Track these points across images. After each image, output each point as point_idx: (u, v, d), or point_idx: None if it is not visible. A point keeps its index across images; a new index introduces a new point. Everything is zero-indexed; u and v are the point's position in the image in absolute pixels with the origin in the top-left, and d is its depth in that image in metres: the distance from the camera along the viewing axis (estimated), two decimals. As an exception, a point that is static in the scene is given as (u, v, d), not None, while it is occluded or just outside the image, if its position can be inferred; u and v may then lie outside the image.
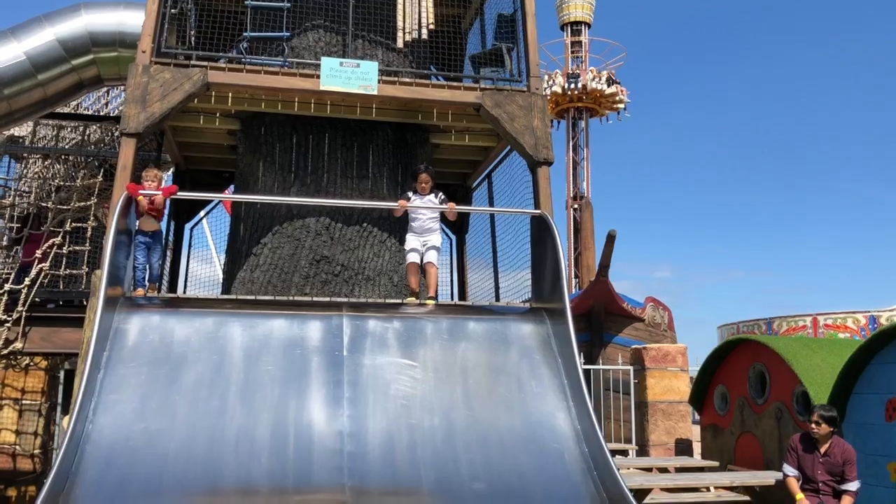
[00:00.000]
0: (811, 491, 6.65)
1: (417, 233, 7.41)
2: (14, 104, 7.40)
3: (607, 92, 30.68)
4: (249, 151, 8.59)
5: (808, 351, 9.68)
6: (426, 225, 7.43)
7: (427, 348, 6.41)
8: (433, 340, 6.49)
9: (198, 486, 5.04)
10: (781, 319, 26.75)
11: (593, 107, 31.56)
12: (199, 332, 6.10)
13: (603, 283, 15.77)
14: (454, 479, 5.30)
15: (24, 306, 8.16)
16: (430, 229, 7.44)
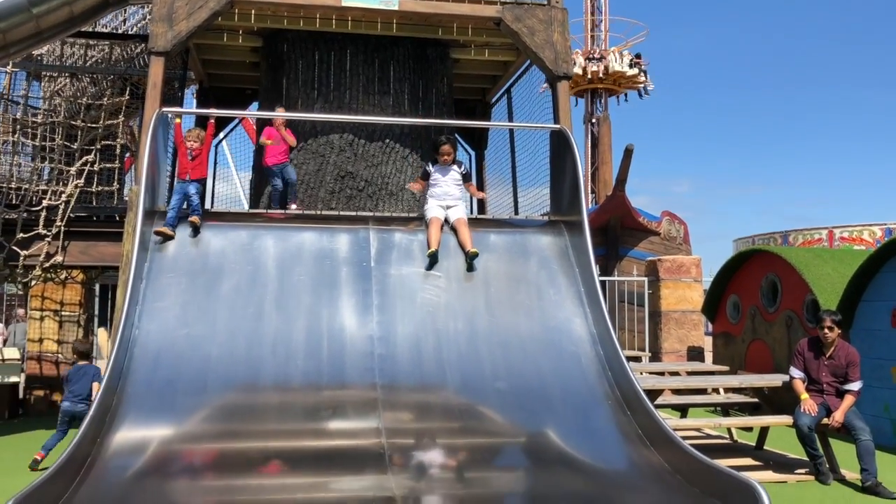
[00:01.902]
0: (816, 391, 6.99)
1: (439, 199, 7.07)
2: (42, 23, 7.53)
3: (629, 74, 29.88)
4: (272, 68, 8.73)
5: (819, 261, 9.93)
6: (450, 192, 7.11)
7: (450, 259, 6.71)
8: (456, 252, 6.78)
9: (239, 383, 5.44)
10: (797, 233, 26.88)
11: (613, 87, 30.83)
12: (234, 245, 6.42)
13: (619, 197, 15.94)
14: (477, 378, 5.67)
15: (63, 221, 8.50)
16: (453, 196, 7.13)
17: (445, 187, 7.04)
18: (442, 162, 7.11)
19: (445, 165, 7.11)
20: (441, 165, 7.11)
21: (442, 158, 7.09)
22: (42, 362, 11.04)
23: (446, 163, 7.11)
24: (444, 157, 7.08)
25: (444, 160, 7.09)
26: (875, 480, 6.44)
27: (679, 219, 19.02)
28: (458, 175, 7.14)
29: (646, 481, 4.70)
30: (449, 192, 7.04)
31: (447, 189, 7.04)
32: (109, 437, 4.77)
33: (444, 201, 7.01)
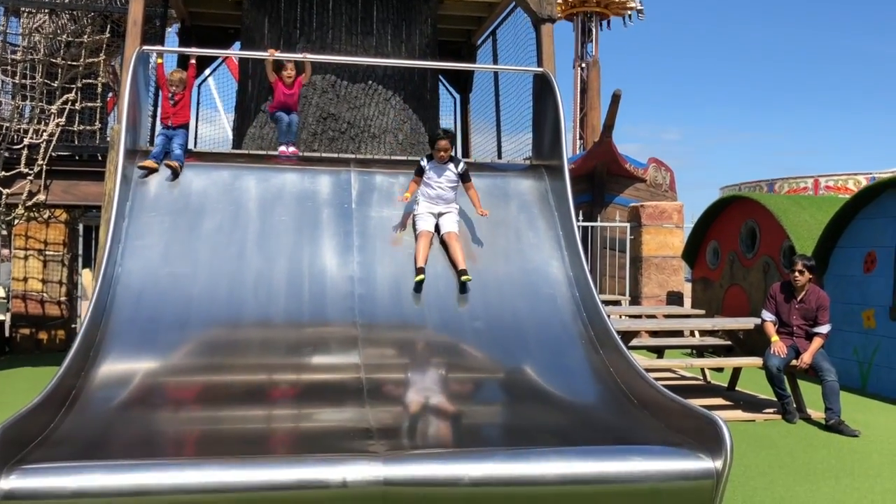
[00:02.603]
0: (786, 334, 7.19)
1: (431, 201, 6.36)
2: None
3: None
4: (254, 7, 8.63)
5: (797, 208, 10.08)
6: (444, 195, 6.35)
7: (431, 202, 6.76)
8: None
9: (221, 321, 5.55)
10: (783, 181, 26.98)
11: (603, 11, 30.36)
12: (216, 184, 6.46)
13: (606, 143, 15.96)
14: (455, 318, 5.80)
15: (45, 160, 8.48)
16: (447, 199, 6.36)
17: (439, 189, 6.31)
18: (438, 158, 6.31)
19: (441, 163, 6.34)
20: (436, 163, 6.34)
21: (438, 154, 6.29)
22: (27, 301, 11.12)
23: (443, 160, 6.31)
24: (440, 152, 6.28)
25: (440, 156, 6.30)
26: (838, 419, 6.69)
27: (666, 166, 19.09)
28: (453, 175, 6.36)
29: (614, 415, 4.87)
30: (443, 194, 6.33)
31: (441, 192, 6.32)
32: (94, 370, 4.88)
33: (436, 205, 6.32)
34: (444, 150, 6.29)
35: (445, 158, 6.32)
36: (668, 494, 3.93)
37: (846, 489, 5.13)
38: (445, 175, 6.34)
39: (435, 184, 6.31)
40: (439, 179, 6.33)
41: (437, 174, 6.34)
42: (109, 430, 4.34)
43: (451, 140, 6.39)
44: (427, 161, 6.38)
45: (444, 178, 6.34)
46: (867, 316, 8.51)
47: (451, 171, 6.34)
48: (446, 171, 6.34)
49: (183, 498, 3.51)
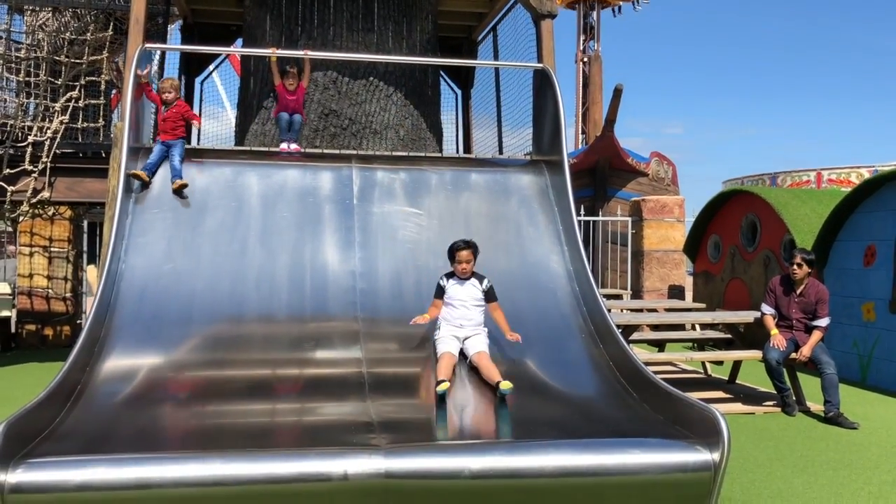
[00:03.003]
0: (785, 327, 7.22)
1: (454, 324, 5.36)
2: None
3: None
4: (256, 4, 8.67)
5: (798, 202, 10.10)
6: (469, 316, 5.35)
7: (432, 197, 6.81)
8: (438, 190, 6.89)
9: (224, 316, 5.60)
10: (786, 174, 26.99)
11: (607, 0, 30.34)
12: (219, 181, 6.51)
13: (608, 138, 15.98)
14: (455, 312, 5.83)
15: (49, 157, 8.54)
16: (473, 321, 5.36)
17: (463, 310, 5.34)
18: (459, 272, 5.39)
19: (463, 278, 5.41)
20: (458, 278, 5.42)
21: (459, 267, 5.38)
22: (33, 297, 11.19)
23: (465, 274, 5.39)
24: (461, 265, 5.37)
25: (461, 270, 5.37)
26: (837, 411, 6.73)
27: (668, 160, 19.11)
28: (479, 293, 5.40)
29: (614, 409, 4.91)
30: (468, 315, 5.34)
31: (466, 312, 5.34)
32: (98, 365, 4.93)
33: (461, 329, 5.30)
34: (466, 261, 5.37)
35: (468, 272, 5.40)
36: (667, 486, 3.98)
37: (845, 481, 5.18)
38: (469, 293, 5.38)
39: (458, 303, 5.36)
40: (462, 298, 5.36)
41: (459, 292, 5.38)
42: (114, 424, 4.39)
43: (473, 251, 5.41)
44: (446, 279, 5.46)
45: (469, 294, 5.37)
46: (867, 309, 8.54)
47: (475, 288, 5.39)
48: (470, 289, 5.39)
49: (186, 491, 3.56)
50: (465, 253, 5.38)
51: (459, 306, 5.35)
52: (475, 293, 5.39)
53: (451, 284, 5.42)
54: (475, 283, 5.41)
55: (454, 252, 5.41)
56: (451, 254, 5.44)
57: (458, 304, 5.35)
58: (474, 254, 5.41)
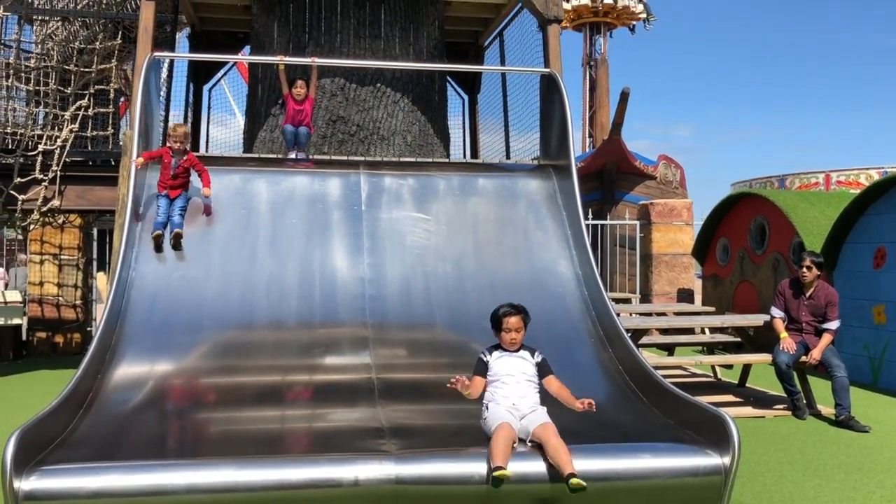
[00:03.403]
0: (795, 330, 7.20)
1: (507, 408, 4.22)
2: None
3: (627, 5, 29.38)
4: (263, 12, 8.72)
5: (806, 204, 10.07)
6: (523, 392, 4.25)
7: (440, 203, 6.84)
8: (445, 196, 6.91)
9: (234, 323, 5.62)
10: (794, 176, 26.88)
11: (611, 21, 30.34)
12: (228, 188, 6.54)
13: (615, 141, 15.99)
14: (464, 317, 5.85)
15: (59, 165, 8.60)
16: (528, 400, 4.24)
17: (515, 386, 4.25)
18: (507, 344, 4.37)
19: (512, 350, 4.38)
20: (504, 350, 4.39)
21: (507, 338, 4.35)
22: (43, 305, 11.25)
23: (514, 345, 4.37)
24: (510, 335, 4.34)
25: (510, 341, 4.35)
26: (848, 414, 6.70)
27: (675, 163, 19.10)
28: (531, 367, 4.36)
29: (624, 413, 4.91)
30: (521, 392, 4.25)
31: (518, 388, 4.25)
32: (110, 372, 4.96)
33: (517, 410, 4.19)
34: (516, 330, 4.35)
35: (517, 343, 4.38)
36: (677, 491, 3.98)
37: (856, 485, 5.16)
38: (520, 367, 4.33)
39: (509, 378, 4.28)
40: (512, 373, 4.29)
41: (508, 367, 4.31)
42: (126, 431, 4.42)
43: (524, 317, 4.41)
44: (489, 352, 4.41)
45: (519, 369, 4.32)
46: (877, 311, 8.51)
47: (526, 362, 4.37)
48: (520, 363, 4.35)
49: (198, 498, 3.58)
50: (515, 320, 4.36)
51: (511, 382, 4.27)
52: (526, 367, 4.35)
53: (495, 358, 4.36)
54: (525, 355, 4.39)
55: (500, 319, 4.39)
56: (496, 321, 4.41)
57: (509, 379, 4.28)
58: (525, 321, 4.41)
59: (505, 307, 4.42)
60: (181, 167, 6.20)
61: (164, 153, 6.28)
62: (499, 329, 4.40)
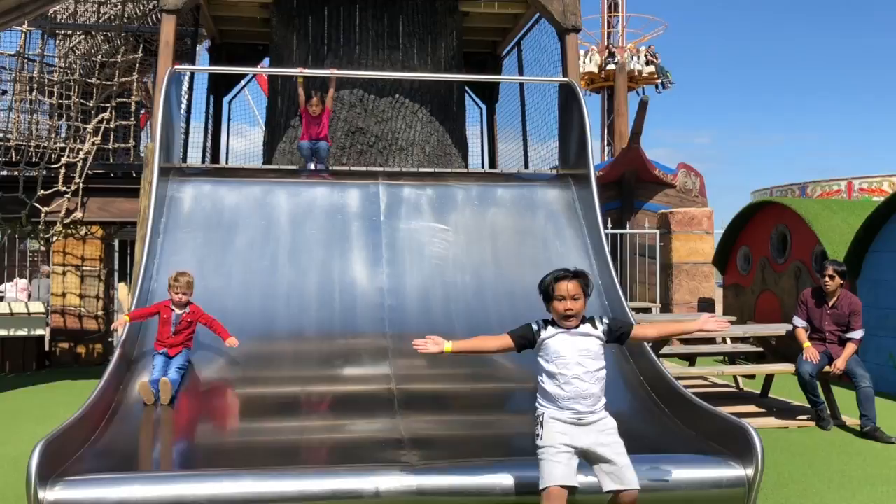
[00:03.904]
0: (818, 340, 7.11)
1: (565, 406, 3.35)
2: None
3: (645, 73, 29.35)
4: (283, 24, 8.79)
5: (828, 212, 9.97)
6: (587, 389, 3.35)
7: (458, 213, 6.85)
8: (464, 206, 6.92)
9: (255, 333, 5.65)
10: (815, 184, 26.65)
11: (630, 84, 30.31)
12: (248, 200, 6.59)
13: (634, 150, 15.92)
14: (484, 327, 5.81)
15: (81, 178, 8.69)
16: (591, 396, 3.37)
17: (578, 382, 3.33)
18: (563, 318, 3.38)
19: (571, 328, 3.39)
20: (561, 329, 3.40)
21: (562, 308, 3.35)
22: (66, 316, 11.34)
23: (570, 319, 3.37)
24: (565, 304, 3.35)
25: (565, 312, 3.35)
26: (874, 426, 6.60)
27: (695, 171, 18.98)
28: (597, 347, 3.43)
29: (646, 424, 4.88)
30: (585, 389, 3.34)
31: (581, 385, 3.33)
32: (132, 384, 5.00)
33: (577, 417, 3.35)
34: (573, 297, 3.34)
35: (577, 317, 3.39)
36: (701, 502, 3.94)
37: (882, 497, 5.07)
38: (583, 348, 3.38)
39: (567, 363, 3.34)
40: (573, 354, 3.36)
41: (567, 349, 3.37)
42: (148, 442, 4.45)
43: (582, 283, 3.41)
44: (543, 325, 3.45)
45: (583, 354, 3.37)
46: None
47: (593, 340, 3.41)
48: (584, 342, 3.39)
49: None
50: (571, 285, 3.35)
51: (572, 376, 3.32)
52: (593, 347, 3.39)
53: (548, 335, 3.40)
54: (587, 329, 3.41)
55: (552, 286, 3.39)
56: (547, 290, 3.42)
57: (569, 369, 3.33)
58: (584, 288, 3.40)
59: (559, 271, 3.41)
60: (184, 321, 5.17)
61: (162, 308, 5.23)
62: (549, 300, 3.40)
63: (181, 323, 5.20)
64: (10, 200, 8.64)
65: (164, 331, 5.17)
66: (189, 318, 5.23)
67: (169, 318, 5.18)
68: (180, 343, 5.18)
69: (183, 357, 5.16)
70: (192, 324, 5.23)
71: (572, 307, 3.34)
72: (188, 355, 5.23)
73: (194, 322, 5.24)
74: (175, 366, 5.07)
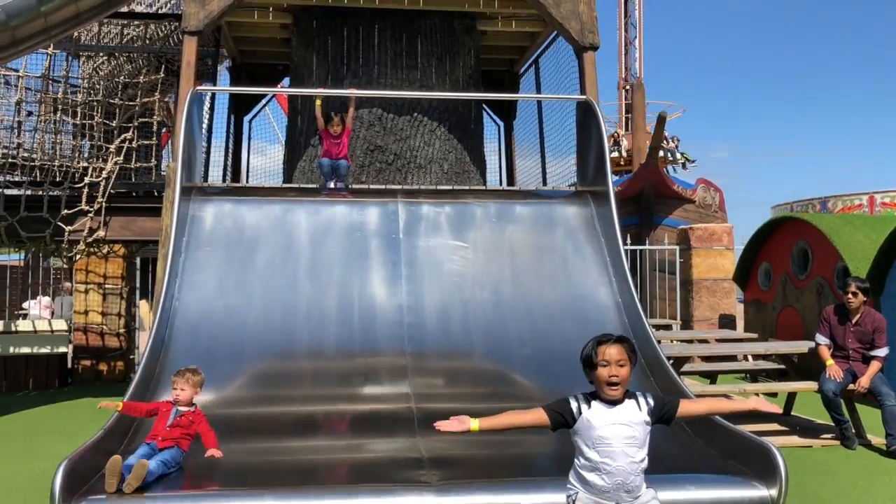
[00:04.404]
0: (842, 358, 7.03)
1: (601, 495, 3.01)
2: (81, 6, 7.75)
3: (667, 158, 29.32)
4: (302, 45, 8.89)
5: (850, 228, 9.88)
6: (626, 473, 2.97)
7: (477, 230, 6.86)
8: (482, 223, 6.93)
9: (275, 351, 5.69)
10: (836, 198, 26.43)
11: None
12: (268, 218, 6.65)
13: (652, 165, 15.90)
14: (503, 345, 5.84)
15: (104, 197, 8.79)
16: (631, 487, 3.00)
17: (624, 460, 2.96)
18: (606, 388, 2.99)
19: (612, 401, 3.00)
20: (603, 401, 3.01)
21: (607, 373, 2.97)
22: (88, 333, 11.45)
23: (615, 390, 2.99)
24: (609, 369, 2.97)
25: (609, 379, 2.97)
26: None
27: (714, 186, 18.90)
28: (643, 432, 3.03)
29: (667, 443, 4.83)
30: (628, 481, 2.98)
31: (627, 477, 2.97)
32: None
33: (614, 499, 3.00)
34: (618, 363, 2.98)
35: (622, 387, 3.01)
36: (723, 523, 3.90)
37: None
38: (630, 436, 2.99)
39: (612, 448, 2.96)
40: (621, 446, 2.97)
41: (612, 436, 2.97)
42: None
43: (628, 349, 3.04)
44: (580, 401, 3.05)
45: (629, 442, 2.98)
46: (928, 338, 8.27)
47: (639, 426, 3.01)
48: (631, 426, 2.99)
49: (240, 527, 3.60)
50: (615, 350, 3.00)
51: (615, 467, 2.95)
52: (639, 433, 3.00)
53: (593, 416, 3.00)
54: (631, 406, 3.02)
55: (595, 350, 3.04)
56: (588, 357, 3.06)
57: (613, 459, 2.96)
58: (630, 353, 3.04)
59: (602, 336, 3.08)
60: (185, 417, 4.36)
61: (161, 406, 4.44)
62: (591, 368, 3.04)
63: (181, 418, 4.33)
64: (34, 219, 8.74)
65: (160, 424, 4.30)
66: (191, 416, 4.35)
67: (168, 412, 4.33)
68: (173, 438, 4.25)
69: (172, 454, 4.17)
70: (193, 424, 4.35)
71: (617, 373, 2.96)
72: (180, 457, 4.24)
73: (195, 424, 4.36)
74: (160, 457, 4.10)
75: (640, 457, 3.01)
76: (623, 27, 31.25)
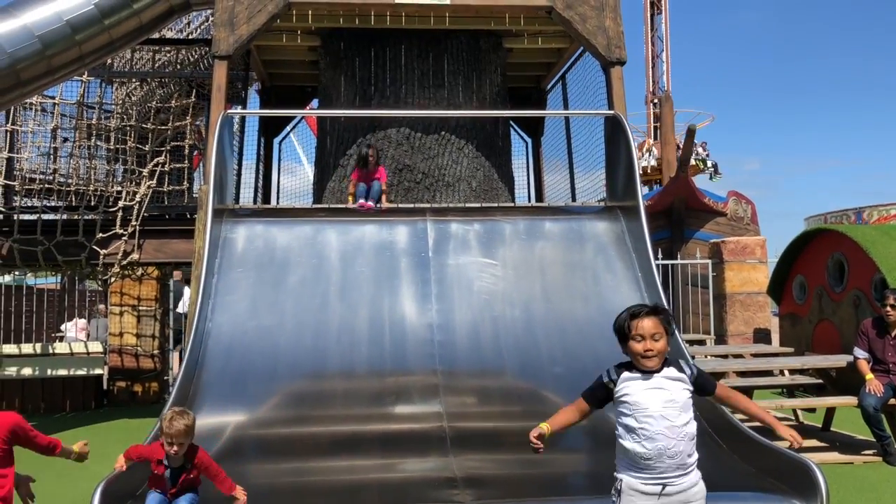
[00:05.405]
0: (881, 372, 6.90)
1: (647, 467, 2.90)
2: (114, 34, 7.93)
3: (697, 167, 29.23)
4: (330, 66, 8.98)
5: (887, 239, 9.70)
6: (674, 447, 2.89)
7: (506, 248, 6.85)
8: (512, 240, 6.93)
9: (307, 371, 5.72)
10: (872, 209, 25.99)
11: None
12: (299, 239, 6.70)
13: (682, 178, 15.78)
14: (535, 363, 5.81)
15: (138, 220, 8.93)
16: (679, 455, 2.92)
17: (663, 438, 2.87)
18: (642, 359, 2.94)
19: (651, 372, 2.95)
20: (640, 372, 2.96)
21: (643, 347, 2.93)
22: (123, 355, 11.60)
23: (651, 361, 2.93)
24: (644, 343, 2.93)
25: (645, 353, 2.93)
26: (944, 460, 6.35)
27: (746, 198, 18.69)
28: (685, 394, 2.97)
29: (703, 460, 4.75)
30: (672, 447, 2.87)
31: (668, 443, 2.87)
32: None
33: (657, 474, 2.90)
34: (652, 337, 2.91)
35: (659, 358, 2.94)
36: (762, 543, 3.83)
37: (956, 536, 4.86)
38: (668, 399, 2.92)
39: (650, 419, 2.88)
40: (658, 408, 2.89)
41: (648, 399, 2.92)
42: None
43: (663, 319, 2.97)
44: (616, 372, 3.03)
45: (668, 405, 2.91)
46: (970, 350, 8.07)
47: (680, 388, 2.96)
48: (671, 391, 2.94)
49: (275, 548, 3.60)
50: (650, 323, 2.93)
51: (654, 432, 2.85)
52: (675, 393, 2.93)
53: (627, 384, 2.96)
54: (672, 374, 2.95)
55: (628, 323, 2.98)
56: (622, 329, 3.01)
57: (651, 423, 2.86)
58: (665, 325, 2.96)
59: (635, 307, 3.02)
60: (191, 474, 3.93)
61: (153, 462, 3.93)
62: (625, 339, 2.98)
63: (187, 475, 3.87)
64: (70, 243, 8.90)
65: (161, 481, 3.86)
66: (197, 470, 3.87)
67: (162, 476, 3.83)
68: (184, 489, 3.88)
69: (188, 500, 3.88)
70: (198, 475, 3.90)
71: (652, 347, 2.89)
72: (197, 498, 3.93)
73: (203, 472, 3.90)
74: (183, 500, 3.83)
75: (681, 421, 2.90)
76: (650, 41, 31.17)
